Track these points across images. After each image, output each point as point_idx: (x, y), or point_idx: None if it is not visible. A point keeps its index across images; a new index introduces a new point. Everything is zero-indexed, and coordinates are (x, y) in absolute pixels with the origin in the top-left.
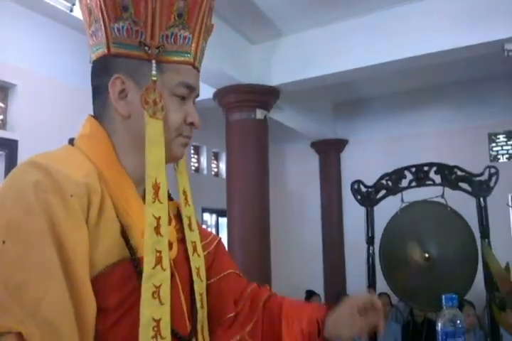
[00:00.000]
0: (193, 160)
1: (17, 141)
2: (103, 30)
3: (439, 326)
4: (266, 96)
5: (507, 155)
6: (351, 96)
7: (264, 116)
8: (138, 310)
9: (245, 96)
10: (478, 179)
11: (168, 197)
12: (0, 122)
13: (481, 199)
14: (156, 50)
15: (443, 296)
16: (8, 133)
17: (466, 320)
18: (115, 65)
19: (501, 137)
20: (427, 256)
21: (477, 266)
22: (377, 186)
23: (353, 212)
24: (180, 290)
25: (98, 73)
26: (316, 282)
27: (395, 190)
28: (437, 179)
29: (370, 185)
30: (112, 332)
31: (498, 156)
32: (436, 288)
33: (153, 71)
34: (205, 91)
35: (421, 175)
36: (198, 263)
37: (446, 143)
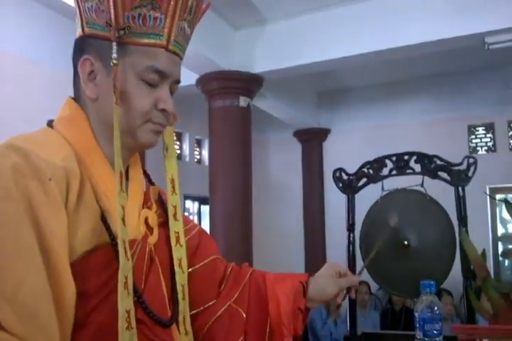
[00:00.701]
0: (175, 147)
1: None
2: (77, 10)
3: (417, 312)
4: (249, 83)
5: (486, 148)
6: (334, 85)
7: (248, 104)
8: (117, 296)
9: (228, 83)
10: (456, 168)
11: (150, 182)
12: None
13: (460, 189)
14: (121, 32)
15: (421, 283)
16: None
17: (444, 308)
18: (87, 46)
19: (480, 129)
20: (406, 243)
21: (455, 253)
22: (359, 174)
23: (335, 200)
24: (161, 275)
25: (74, 54)
26: (297, 269)
27: (376, 178)
28: (417, 168)
29: (351, 173)
30: (92, 318)
31: (477, 148)
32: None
33: (113, 54)
34: (188, 78)
35: (401, 163)
36: (180, 253)
37: (427, 134)
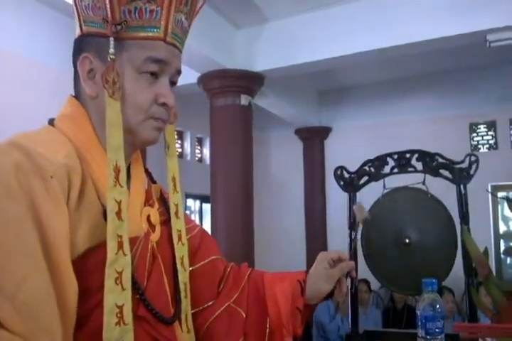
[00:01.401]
0: (176, 145)
1: None
2: (75, 10)
3: (419, 310)
4: (250, 82)
5: (487, 146)
6: (336, 84)
7: (249, 102)
8: None
9: (230, 82)
10: (458, 166)
11: (151, 180)
12: None
13: (461, 187)
14: (118, 27)
15: (423, 281)
16: None
17: (446, 306)
18: (86, 45)
19: (482, 127)
20: (408, 241)
21: (456, 251)
22: (360, 172)
23: (336, 199)
24: (164, 272)
25: (74, 53)
26: (299, 266)
27: (378, 176)
28: (419, 166)
29: (352, 171)
30: (94, 316)
31: (479, 146)
32: (417, 273)
33: (110, 49)
34: (190, 76)
35: (403, 161)
36: (182, 252)
37: (428, 132)
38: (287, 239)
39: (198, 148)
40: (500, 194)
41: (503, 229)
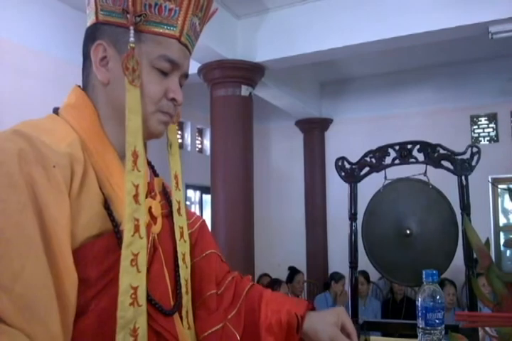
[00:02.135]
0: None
1: None
2: None
3: (419, 301)
4: (251, 72)
5: (488, 138)
6: (337, 75)
7: (249, 93)
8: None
9: (230, 72)
10: (460, 158)
11: (154, 173)
12: None
13: (463, 178)
14: (137, 18)
15: (423, 272)
16: None
17: (446, 298)
18: (101, 32)
19: (483, 120)
20: (409, 232)
21: (457, 242)
22: (361, 163)
23: (336, 190)
24: (165, 266)
25: (86, 41)
26: (298, 259)
27: (379, 167)
28: (420, 157)
29: (354, 162)
30: (93, 305)
31: (480, 138)
32: (417, 264)
33: (131, 38)
34: (190, 66)
35: (404, 152)
36: (183, 248)
37: (429, 124)
38: (287, 230)
39: (199, 138)
40: (500, 186)
41: (502, 221)
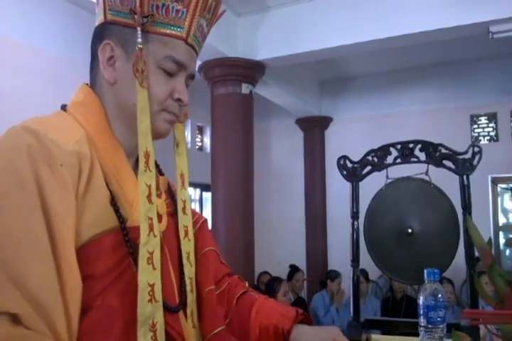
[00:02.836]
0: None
1: None
2: None
3: (421, 300)
4: (252, 70)
5: (488, 137)
6: (337, 73)
7: (250, 91)
8: (127, 278)
9: (231, 70)
10: (461, 157)
11: (159, 172)
12: None
13: (464, 177)
14: (144, 19)
15: (425, 270)
16: None
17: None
18: (108, 32)
19: (483, 119)
20: (410, 231)
21: (458, 241)
22: (363, 162)
23: (336, 188)
24: (170, 264)
25: (94, 40)
26: (298, 257)
27: (381, 166)
28: (422, 156)
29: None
30: (98, 302)
31: (480, 138)
32: (419, 263)
33: (138, 39)
34: None
35: (406, 152)
36: (188, 247)
37: (429, 124)
38: (287, 228)
39: (199, 136)
40: (500, 186)
41: (502, 221)
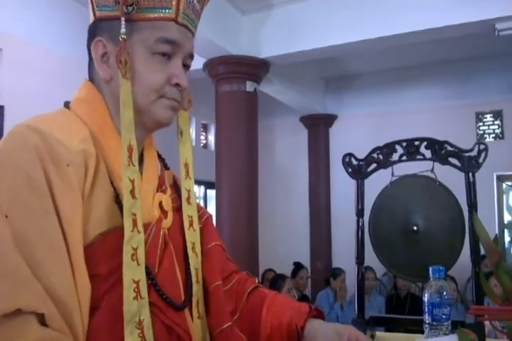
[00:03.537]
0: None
1: (3, 107)
2: None
3: (426, 297)
4: (256, 68)
5: (493, 135)
6: (341, 71)
7: (254, 89)
8: None
9: (235, 68)
10: (467, 155)
11: (165, 166)
12: None
13: (470, 175)
14: (129, 8)
15: (430, 268)
16: None
17: None
18: (100, 29)
19: (488, 117)
20: (416, 228)
21: (464, 239)
22: (368, 159)
23: (341, 186)
24: (175, 261)
25: (88, 39)
26: (302, 255)
27: (386, 164)
28: (428, 154)
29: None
30: (105, 300)
31: (485, 136)
32: (424, 261)
33: (122, 29)
34: (195, 62)
35: (412, 149)
36: (193, 237)
37: (434, 121)
38: (291, 226)
39: (203, 134)
40: (505, 184)
41: (507, 218)
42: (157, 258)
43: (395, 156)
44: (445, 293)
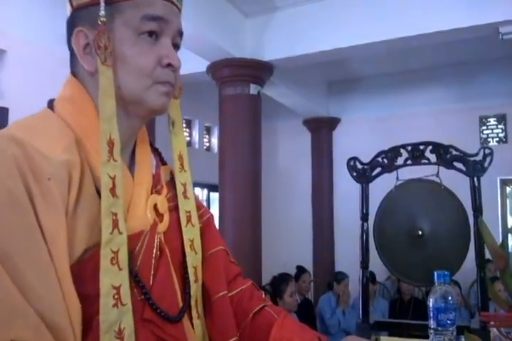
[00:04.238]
0: (184, 133)
1: (7, 109)
2: None
3: (431, 302)
4: (259, 71)
5: (497, 139)
6: (345, 74)
7: (258, 92)
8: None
9: (239, 71)
10: (472, 159)
11: (161, 161)
12: None
13: (475, 179)
14: None
15: (435, 273)
16: None
17: None
18: (78, 19)
19: (492, 120)
20: (420, 233)
21: (469, 244)
22: (373, 163)
23: (344, 190)
24: (172, 269)
25: (68, 33)
26: (305, 258)
27: (391, 168)
28: (432, 158)
29: (365, 162)
30: (96, 321)
31: (489, 139)
32: (429, 265)
33: (101, 11)
34: (199, 65)
35: (417, 153)
36: (192, 234)
37: (438, 125)
38: (294, 230)
39: (206, 136)
40: (509, 188)
41: (511, 223)
42: (151, 270)
43: (400, 160)
44: (450, 298)
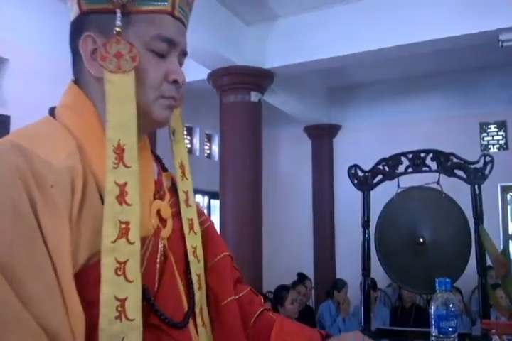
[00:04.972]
0: (185, 141)
1: (9, 117)
2: None
3: (432, 309)
4: (260, 78)
5: (497, 146)
6: (345, 81)
7: (259, 99)
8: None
9: (240, 79)
10: (473, 166)
11: (162, 168)
12: None
13: (476, 187)
14: (123, 0)
15: (436, 280)
16: (0, 108)
17: None
18: (87, 23)
19: (492, 127)
20: (422, 240)
21: (470, 251)
22: (374, 171)
23: (345, 198)
24: (177, 274)
25: (72, 36)
26: (306, 265)
27: (392, 175)
28: (433, 165)
29: (367, 169)
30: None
31: (489, 146)
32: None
33: (117, 21)
34: (200, 72)
35: (417, 161)
36: (194, 241)
37: (438, 132)
38: (295, 237)
39: (207, 144)
40: (509, 195)
41: None
42: (156, 277)
43: (401, 168)
44: (452, 306)
